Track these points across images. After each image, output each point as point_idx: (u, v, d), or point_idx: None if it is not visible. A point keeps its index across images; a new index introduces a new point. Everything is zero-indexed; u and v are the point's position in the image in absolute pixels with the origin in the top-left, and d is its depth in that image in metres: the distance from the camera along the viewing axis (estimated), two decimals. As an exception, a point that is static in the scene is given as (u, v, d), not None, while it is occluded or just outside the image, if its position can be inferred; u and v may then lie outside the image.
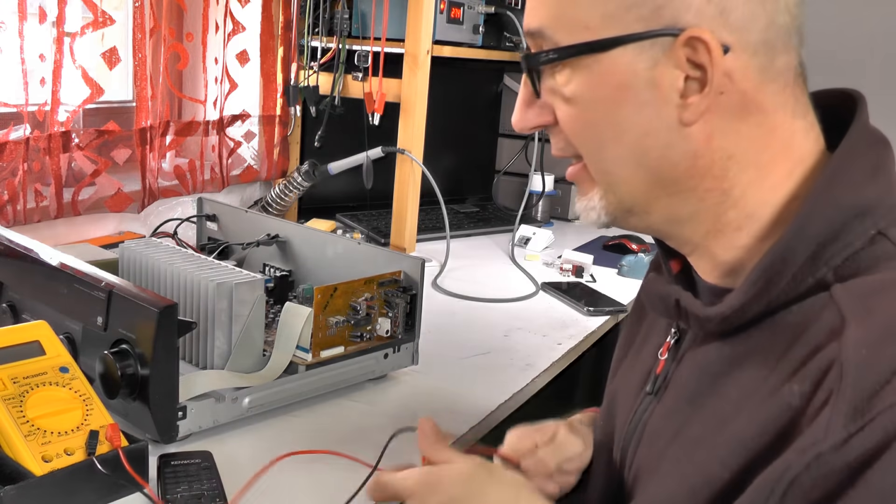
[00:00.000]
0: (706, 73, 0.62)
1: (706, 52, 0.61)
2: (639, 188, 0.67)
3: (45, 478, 0.77)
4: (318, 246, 1.32)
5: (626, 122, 0.65)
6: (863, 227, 0.61)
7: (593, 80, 0.65)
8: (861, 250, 0.61)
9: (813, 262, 0.61)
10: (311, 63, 1.89)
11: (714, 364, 0.68)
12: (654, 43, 0.62)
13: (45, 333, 0.89)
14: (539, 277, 1.72)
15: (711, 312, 0.66)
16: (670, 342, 0.76)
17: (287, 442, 0.96)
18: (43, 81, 1.40)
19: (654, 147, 0.65)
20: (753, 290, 0.63)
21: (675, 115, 0.64)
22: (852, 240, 0.61)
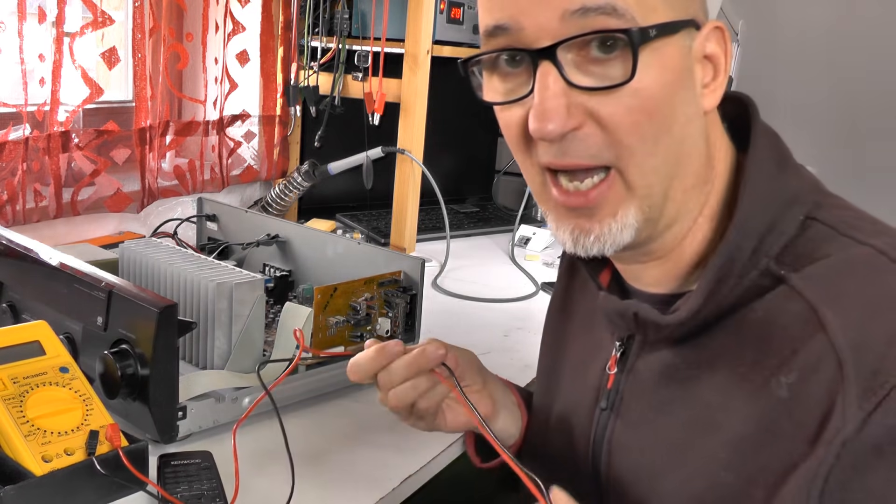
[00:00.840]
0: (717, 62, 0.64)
1: (723, 40, 0.63)
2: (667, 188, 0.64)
3: (45, 478, 0.77)
4: (318, 246, 1.32)
5: (679, 110, 0.63)
6: (793, 213, 0.64)
7: (663, 63, 0.61)
8: (796, 237, 0.63)
9: (754, 255, 0.63)
10: (311, 63, 1.89)
11: (676, 370, 0.68)
12: (690, 31, 0.63)
13: (45, 333, 0.89)
14: (539, 277, 1.71)
15: (671, 319, 0.66)
16: (616, 356, 0.75)
17: (287, 442, 0.96)
18: (42, 81, 1.40)
19: (692, 136, 0.64)
20: (710, 292, 0.63)
21: (700, 104, 0.64)
22: (785, 228, 0.64)
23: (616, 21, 0.59)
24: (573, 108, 0.61)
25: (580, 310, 0.86)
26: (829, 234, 0.63)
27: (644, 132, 0.61)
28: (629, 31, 0.59)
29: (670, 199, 0.65)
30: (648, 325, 0.69)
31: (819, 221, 0.64)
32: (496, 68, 0.65)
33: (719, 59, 0.65)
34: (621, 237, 0.65)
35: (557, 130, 0.61)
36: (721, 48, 0.64)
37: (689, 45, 0.63)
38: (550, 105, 0.61)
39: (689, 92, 0.63)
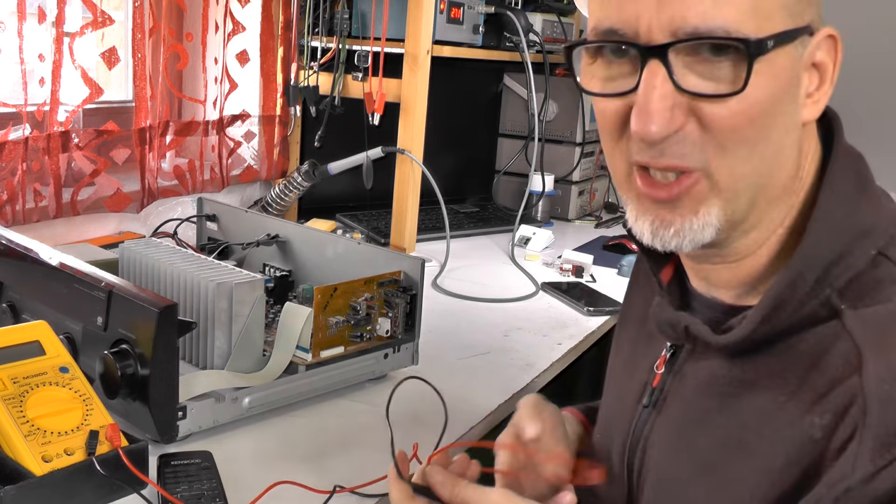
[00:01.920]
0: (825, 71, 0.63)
1: (834, 49, 0.62)
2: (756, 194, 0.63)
3: (45, 478, 0.77)
4: (318, 246, 1.32)
5: (779, 120, 0.62)
6: (864, 247, 0.62)
7: (772, 72, 0.60)
8: (864, 272, 0.61)
9: (818, 284, 0.61)
10: (311, 63, 1.89)
11: (720, 383, 0.68)
12: (802, 40, 0.61)
13: (45, 333, 0.89)
14: (539, 277, 1.71)
15: (722, 340, 0.66)
16: (666, 356, 0.75)
17: (287, 442, 0.96)
18: (42, 81, 1.40)
19: (787, 146, 0.63)
20: (766, 317, 0.62)
21: (800, 114, 0.63)
22: (854, 261, 0.61)
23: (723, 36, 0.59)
24: (677, 110, 0.60)
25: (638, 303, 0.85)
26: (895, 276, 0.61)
27: (744, 136, 0.60)
28: (747, 41, 0.58)
29: (755, 207, 0.64)
30: (698, 340, 0.69)
31: (890, 260, 0.62)
32: (600, 55, 0.64)
33: (827, 68, 0.63)
34: (701, 235, 0.64)
35: (661, 134, 0.60)
36: (831, 57, 0.63)
37: (801, 52, 0.62)
38: (656, 107, 0.60)
39: (793, 101, 0.62)
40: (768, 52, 0.58)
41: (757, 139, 0.61)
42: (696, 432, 0.69)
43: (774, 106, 0.60)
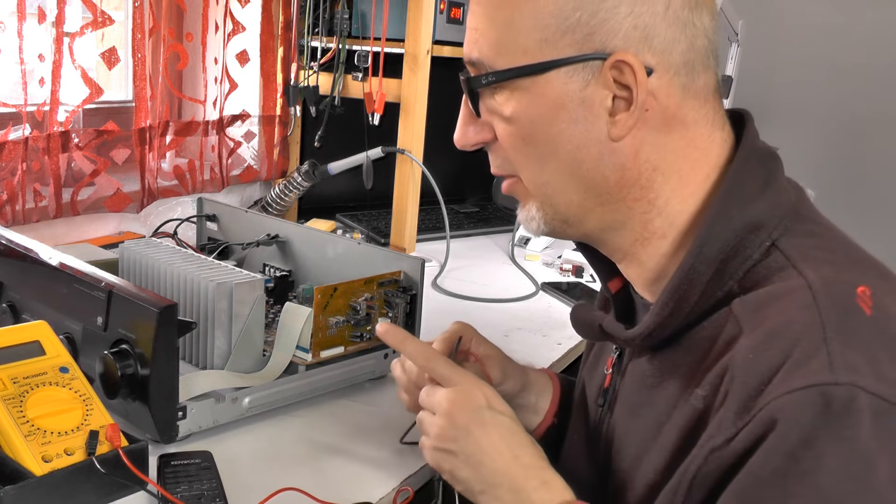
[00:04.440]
0: (632, 93, 0.67)
1: (631, 73, 0.66)
2: (573, 199, 0.72)
3: (45, 478, 0.77)
4: (318, 246, 1.32)
5: (561, 137, 0.70)
6: (758, 240, 0.67)
7: (530, 99, 0.70)
8: (758, 262, 0.66)
9: (719, 277, 0.67)
10: (311, 63, 1.89)
11: (648, 376, 0.73)
12: (585, 66, 0.67)
13: (45, 333, 0.89)
14: (539, 277, 1.71)
15: (630, 334, 0.72)
16: (614, 357, 0.81)
17: (287, 442, 0.96)
18: (42, 81, 1.40)
19: (586, 160, 0.70)
20: (666, 311, 0.68)
21: (604, 131, 0.69)
22: (750, 252, 0.66)
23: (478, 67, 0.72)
24: (483, 128, 0.75)
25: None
26: (782, 263, 0.65)
27: (525, 153, 0.72)
28: (469, 78, 0.72)
29: (582, 208, 0.72)
30: (613, 337, 0.75)
31: (779, 249, 0.66)
32: None
33: (630, 90, 0.67)
34: (533, 225, 0.75)
35: (460, 142, 0.77)
36: (631, 78, 0.67)
37: (582, 77, 0.68)
38: (459, 121, 0.76)
39: (581, 122, 0.69)
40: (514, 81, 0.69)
41: (540, 156, 0.71)
42: (633, 426, 0.75)
43: (546, 127, 0.70)
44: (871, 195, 2.75)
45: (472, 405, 0.76)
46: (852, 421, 0.55)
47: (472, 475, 0.75)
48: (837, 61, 2.73)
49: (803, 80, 2.79)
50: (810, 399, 0.56)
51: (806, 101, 2.80)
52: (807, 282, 0.62)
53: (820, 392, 0.56)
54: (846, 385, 0.56)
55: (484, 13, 0.71)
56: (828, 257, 0.65)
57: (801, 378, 0.57)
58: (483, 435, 0.75)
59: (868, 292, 0.62)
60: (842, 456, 0.55)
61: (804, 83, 2.79)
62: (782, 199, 0.69)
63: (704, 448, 0.61)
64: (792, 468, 0.56)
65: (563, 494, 0.72)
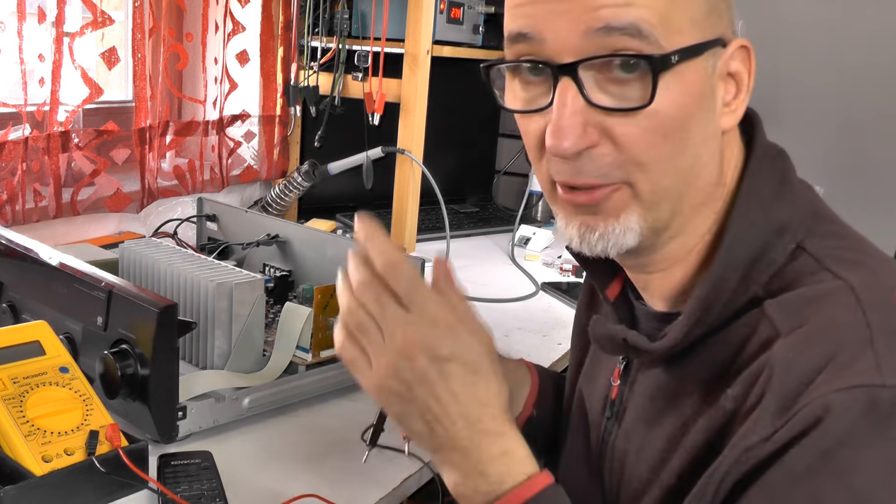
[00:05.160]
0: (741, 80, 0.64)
1: (748, 59, 0.64)
2: (678, 203, 0.65)
3: (45, 478, 0.77)
4: (318, 246, 1.32)
5: (695, 130, 0.63)
6: (782, 243, 0.65)
7: (682, 87, 0.61)
8: (785, 266, 0.64)
9: (744, 282, 0.64)
10: (311, 63, 1.89)
11: (667, 385, 0.71)
12: (714, 51, 0.63)
13: (45, 333, 0.89)
14: (539, 277, 1.71)
15: (657, 347, 0.68)
16: (620, 368, 0.78)
17: (287, 442, 0.96)
18: (42, 81, 1.40)
19: (705, 156, 0.65)
20: (693, 321, 0.65)
21: (718, 123, 0.65)
22: (775, 256, 0.64)
23: (639, 43, 0.59)
24: (590, 127, 0.61)
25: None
26: (812, 266, 0.64)
27: (659, 152, 0.62)
28: (651, 57, 0.59)
29: (678, 215, 0.66)
30: (638, 350, 0.71)
31: (806, 252, 0.65)
32: (518, 74, 0.66)
33: (742, 78, 0.65)
34: (624, 239, 0.65)
35: (573, 149, 0.61)
36: (745, 67, 0.65)
37: (713, 64, 0.63)
38: (567, 123, 0.61)
39: (709, 112, 0.64)
40: (675, 66, 0.60)
41: (674, 153, 0.62)
42: (650, 436, 0.71)
43: (688, 119, 0.62)
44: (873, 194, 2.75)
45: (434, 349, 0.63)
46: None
47: (424, 430, 0.64)
48: (839, 61, 2.73)
49: (804, 79, 2.79)
50: (856, 399, 0.55)
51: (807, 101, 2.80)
52: (848, 284, 0.61)
53: (867, 393, 0.55)
54: (893, 388, 0.55)
55: None
56: (858, 258, 0.64)
57: (847, 378, 0.55)
58: (443, 389, 0.63)
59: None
60: (880, 459, 0.54)
61: (805, 83, 2.79)
62: (801, 200, 0.68)
63: (737, 448, 0.58)
64: (827, 466, 0.54)
65: (524, 466, 0.63)
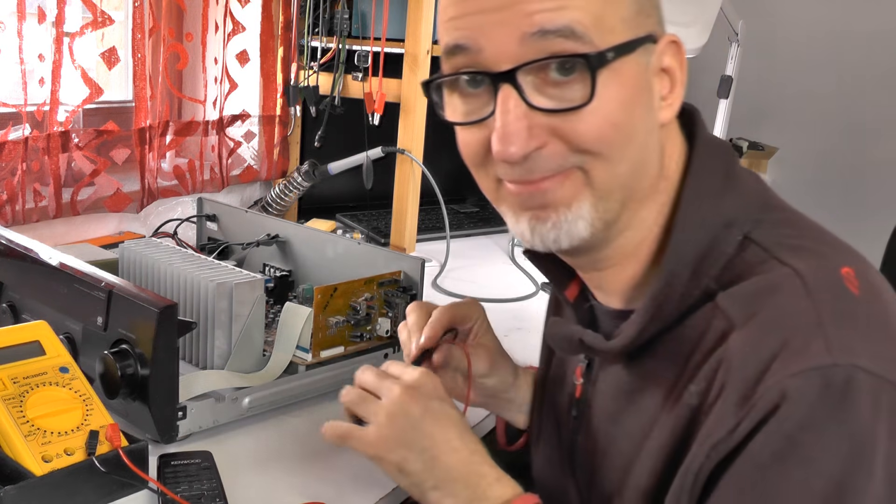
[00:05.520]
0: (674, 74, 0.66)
1: (678, 53, 0.65)
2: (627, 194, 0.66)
3: (45, 478, 0.77)
4: (318, 246, 1.32)
5: (638, 123, 0.64)
6: (730, 235, 0.66)
7: (621, 82, 0.62)
8: (734, 257, 0.65)
9: (695, 276, 0.65)
10: (311, 63, 1.89)
11: (628, 383, 0.72)
12: (648, 47, 0.64)
13: (45, 333, 0.88)
14: (539, 277, 1.71)
15: (612, 346, 0.70)
16: (582, 366, 0.79)
17: (287, 442, 0.96)
18: (42, 81, 1.40)
19: (649, 148, 0.67)
20: (647, 318, 0.66)
21: (657, 117, 0.66)
22: (724, 248, 0.65)
23: (574, 44, 0.60)
24: (535, 129, 0.62)
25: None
26: (761, 256, 0.64)
27: (612, 141, 0.63)
28: (587, 55, 0.60)
29: (626, 207, 0.67)
30: (594, 350, 0.72)
31: (754, 242, 0.65)
32: (457, 88, 0.66)
33: (675, 73, 0.67)
34: (576, 228, 0.65)
35: (520, 153, 0.62)
36: (677, 61, 0.66)
37: (647, 60, 0.65)
38: (512, 128, 0.62)
39: (648, 106, 0.65)
40: (611, 63, 0.61)
41: (624, 142, 0.64)
42: (614, 434, 0.73)
43: (630, 112, 0.63)
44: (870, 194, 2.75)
45: (424, 393, 0.74)
46: (852, 401, 0.56)
47: (424, 469, 0.72)
48: (837, 61, 2.73)
49: (803, 80, 2.79)
50: (810, 382, 0.56)
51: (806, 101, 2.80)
52: (794, 271, 0.62)
53: (820, 374, 0.56)
54: (845, 366, 0.56)
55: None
56: (806, 244, 0.65)
57: (800, 362, 0.57)
58: (437, 427, 0.72)
59: (852, 273, 0.62)
60: (842, 437, 0.56)
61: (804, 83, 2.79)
62: (748, 191, 0.69)
63: (705, 444, 0.60)
64: (792, 451, 0.56)
65: (515, 488, 0.71)
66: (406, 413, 0.72)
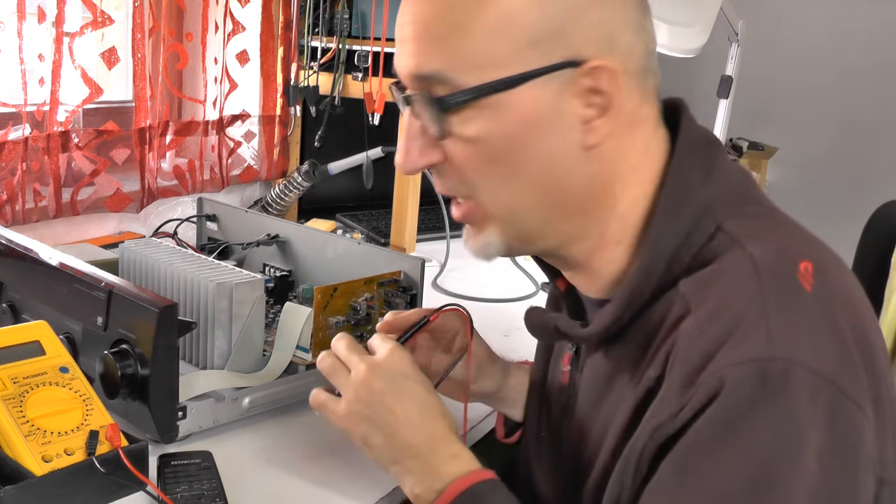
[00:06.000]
0: (607, 98, 0.66)
1: (609, 78, 0.65)
2: (538, 216, 0.70)
3: (45, 478, 0.77)
4: (318, 246, 1.32)
5: (530, 153, 0.67)
6: (704, 226, 0.67)
7: (499, 116, 0.66)
8: (704, 246, 0.67)
9: (669, 268, 0.67)
10: (311, 63, 1.89)
11: (605, 369, 0.74)
12: (557, 75, 0.65)
13: (45, 333, 0.88)
14: (539, 277, 1.71)
15: (585, 333, 0.73)
16: (571, 354, 0.82)
17: (287, 442, 0.96)
18: (42, 81, 1.40)
19: (556, 174, 0.68)
20: (621, 308, 0.69)
21: (577, 141, 0.67)
22: (696, 239, 0.67)
23: (432, 84, 0.67)
24: (430, 148, 0.69)
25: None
26: (726, 244, 0.66)
27: (487, 174, 0.68)
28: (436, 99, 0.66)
29: (547, 223, 0.70)
30: (568, 336, 0.75)
31: (724, 231, 0.67)
32: None
33: (609, 94, 0.66)
34: (487, 251, 0.72)
35: (405, 167, 0.70)
36: (611, 83, 0.65)
37: (553, 88, 0.65)
38: (402, 145, 0.70)
39: (553, 135, 0.67)
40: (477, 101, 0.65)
41: (505, 174, 0.68)
42: (593, 418, 0.75)
43: (515, 144, 0.66)
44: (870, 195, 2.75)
45: (388, 370, 0.76)
46: (788, 395, 0.57)
47: (384, 444, 0.75)
48: (837, 61, 2.73)
49: (803, 80, 2.79)
50: (748, 373, 0.58)
51: (806, 101, 2.80)
52: (749, 255, 0.63)
53: (758, 366, 0.58)
54: (783, 360, 0.58)
55: (437, 19, 0.66)
56: (770, 235, 0.66)
57: (740, 352, 0.58)
58: (398, 404, 0.75)
59: (810, 269, 0.63)
60: (775, 429, 0.57)
61: (804, 83, 2.79)
62: (726, 184, 0.70)
63: (649, 425, 0.62)
64: (727, 438, 0.58)
65: (471, 464, 0.73)
66: (369, 389, 0.75)
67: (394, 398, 0.75)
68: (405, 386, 0.76)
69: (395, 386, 0.75)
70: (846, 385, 0.59)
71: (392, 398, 0.75)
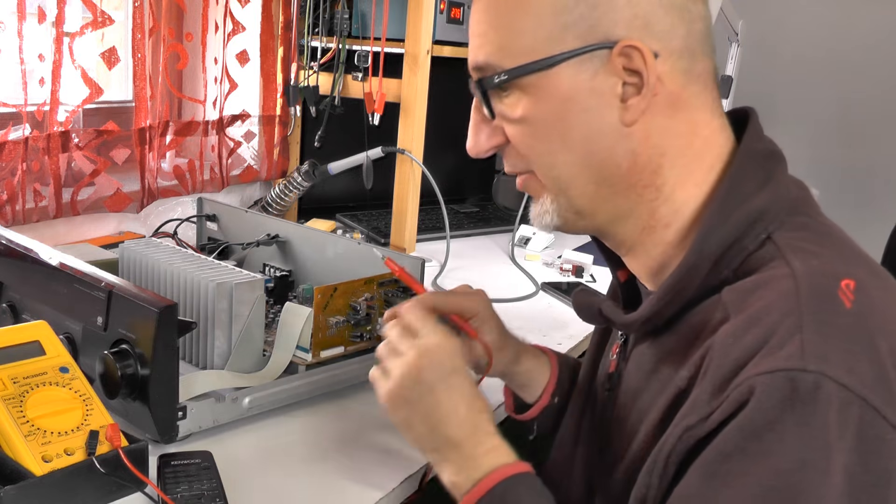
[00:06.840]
0: (642, 78, 0.69)
1: (640, 58, 0.68)
2: (587, 189, 0.73)
3: (45, 478, 0.77)
4: (318, 246, 1.32)
5: (573, 129, 0.71)
6: (755, 232, 0.69)
7: (540, 96, 0.71)
8: (753, 252, 0.68)
9: (716, 268, 0.69)
10: (311, 63, 1.89)
11: (647, 362, 0.76)
12: (592, 56, 0.69)
13: (45, 333, 0.89)
14: (539, 277, 1.71)
15: (629, 319, 0.75)
16: (619, 343, 0.84)
17: (287, 442, 0.96)
18: (42, 81, 1.40)
19: (599, 149, 0.72)
20: (665, 300, 0.71)
21: (616, 118, 0.71)
22: (747, 244, 0.69)
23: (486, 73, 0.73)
24: (495, 132, 0.76)
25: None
26: (773, 254, 0.67)
27: (538, 150, 0.74)
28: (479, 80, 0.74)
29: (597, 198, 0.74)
30: (611, 321, 0.78)
31: (773, 241, 0.68)
32: None
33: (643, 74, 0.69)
34: (546, 218, 0.77)
35: (473, 151, 0.78)
36: (641, 63, 0.68)
37: (590, 68, 0.69)
38: (470, 130, 0.77)
39: (591, 111, 0.70)
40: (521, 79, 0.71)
41: (552, 150, 0.73)
42: (632, 409, 0.76)
43: (558, 121, 0.71)
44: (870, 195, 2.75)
45: (442, 364, 0.78)
46: (816, 409, 0.57)
47: (426, 433, 0.77)
48: (837, 61, 2.73)
49: (803, 79, 2.79)
50: (778, 383, 0.58)
51: (806, 101, 2.80)
52: (791, 271, 0.64)
53: (788, 377, 0.58)
54: (814, 373, 0.58)
55: (486, 19, 0.73)
56: (817, 249, 0.67)
57: (772, 362, 0.59)
58: (447, 398, 0.76)
59: (852, 286, 0.63)
60: (802, 441, 0.57)
61: (804, 83, 2.79)
62: (781, 195, 0.71)
63: (679, 427, 0.63)
64: (754, 447, 0.58)
65: (509, 457, 0.75)
66: (418, 379, 0.77)
67: (443, 391, 0.77)
68: (456, 382, 0.77)
69: (445, 380, 0.77)
70: (878, 402, 0.58)
71: (442, 391, 0.77)
